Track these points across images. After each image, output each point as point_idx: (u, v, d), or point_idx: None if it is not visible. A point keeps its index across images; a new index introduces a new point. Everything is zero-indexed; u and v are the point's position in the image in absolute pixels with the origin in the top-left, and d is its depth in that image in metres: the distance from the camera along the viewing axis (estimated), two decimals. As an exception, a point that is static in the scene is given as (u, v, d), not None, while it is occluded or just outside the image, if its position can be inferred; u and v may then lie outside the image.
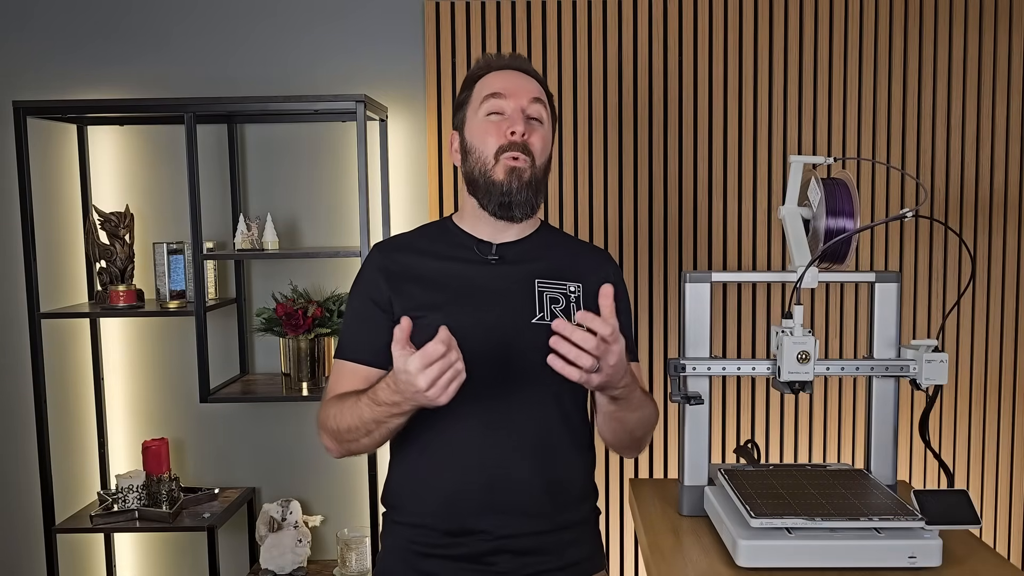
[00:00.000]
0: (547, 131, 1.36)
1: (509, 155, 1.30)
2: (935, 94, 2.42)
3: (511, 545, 1.28)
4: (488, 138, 1.32)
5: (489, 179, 1.32)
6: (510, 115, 1.32)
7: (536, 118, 1.34)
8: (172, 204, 2.50)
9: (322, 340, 2.35)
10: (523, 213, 1.34)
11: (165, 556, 2.60)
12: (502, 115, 1.33)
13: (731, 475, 1.37)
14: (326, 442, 1.33)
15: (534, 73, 1.39)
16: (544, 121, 1.35)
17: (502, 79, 1.35)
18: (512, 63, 1.38)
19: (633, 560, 2.51)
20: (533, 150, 1.32)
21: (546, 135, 1.36)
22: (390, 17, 2.45)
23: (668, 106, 2.42)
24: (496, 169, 1.31)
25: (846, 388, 2.48)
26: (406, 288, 1.34)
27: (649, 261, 2.47)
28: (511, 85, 1.34)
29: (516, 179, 1.31)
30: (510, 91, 1.33)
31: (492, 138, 1.32)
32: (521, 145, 1.31)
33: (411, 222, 2.47)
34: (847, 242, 1.33)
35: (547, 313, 1.32)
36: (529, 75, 1.37)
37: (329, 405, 1.32)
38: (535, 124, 1.34)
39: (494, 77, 1.36)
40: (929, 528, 1.18)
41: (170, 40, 2.47)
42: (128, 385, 2.56)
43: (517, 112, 1.32)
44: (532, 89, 1.35)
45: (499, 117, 1.33)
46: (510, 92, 1.33)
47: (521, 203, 1.32)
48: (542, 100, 1.35)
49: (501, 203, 1.32)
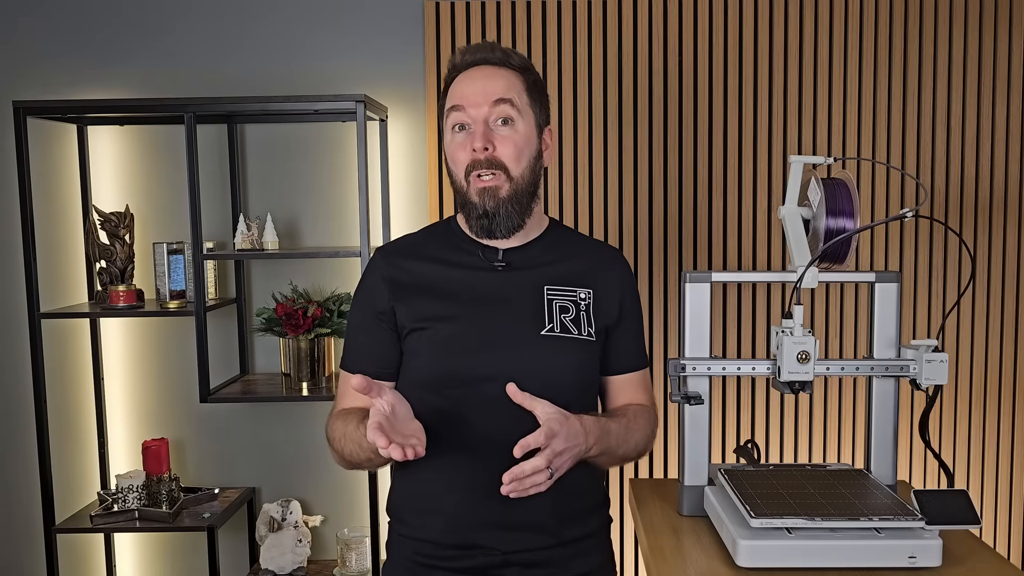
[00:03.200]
0: (521, 132, 1.26)
1: (475, 175, 1.24)
2: (935, 94, 2.42)
3: (518, 559, 1.26)
4: (457, 156, 1.26)
5: (467, 198, 1.26)
6: (472, 129, 1.24)
7: (506, 118, 1.24)
8: (172, 204, 2.50)
9: (322, 340, 2.35)
10: (506, 230, 1.27)
11: (165, 556, 2.60)
12: (466, 128, 1.25)
13: (731, 475, 1.37)
14: (335, 457, 1.31)
15: (504, 59, 1.28)
16: (516, 119, 1.25)
17: (464, 84, 1.26)
18: (477, 56, 1.28)
19: (633, 560, 2.51)
20: (503, 160, 1.24)
21: (520, 138, 1.25)
22: (390, 17, 2.45)
23: (668, 106, 2.42)
24: (470, 191, 1.25)
25: (846, 388, 2.48)
26: (410, 298, 1.29)
27: (649, 261, 2.47)
28: (471, 91, 1.25)
29: (490, 198, 1.24)
30: (469, 100, 1.24)
31: (460, 155, 1.25)
32: (485, 162, 1.23)
33: (411, 222, 2.47)
34: (847, 242, 1.33)
35: (556, 324, 1.27)
36: (498, 65, 1.27)
37: (335, 421, 1.29)
38: (503, 131, 1.24)
39: (458, 83, 1.27)
40: (929, 528, 1.18)
41: (170, 40, 2.47)
42: (128, 385, 2.56)
43: (479, 124, 1.24)
44: (494, 89, 1.24)
45: (464, 132, 1.25)
46: (470, 101, 1.24)
47: (501, 222, 1.25)
48: (507, 99, 1.24)
49: (481, 226, 1.26)
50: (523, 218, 1.28)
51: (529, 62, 1.32)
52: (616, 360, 1.35)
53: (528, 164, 1.27)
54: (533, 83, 1.30)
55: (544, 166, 1.33)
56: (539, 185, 1.31)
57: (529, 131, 1.27)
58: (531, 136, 1.28)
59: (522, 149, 1.26)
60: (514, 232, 1.29)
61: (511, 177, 1.25)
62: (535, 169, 1.29)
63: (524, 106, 1.27)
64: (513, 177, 1.25)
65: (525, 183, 1.27)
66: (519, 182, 1.26)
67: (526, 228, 1.32)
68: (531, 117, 1.28)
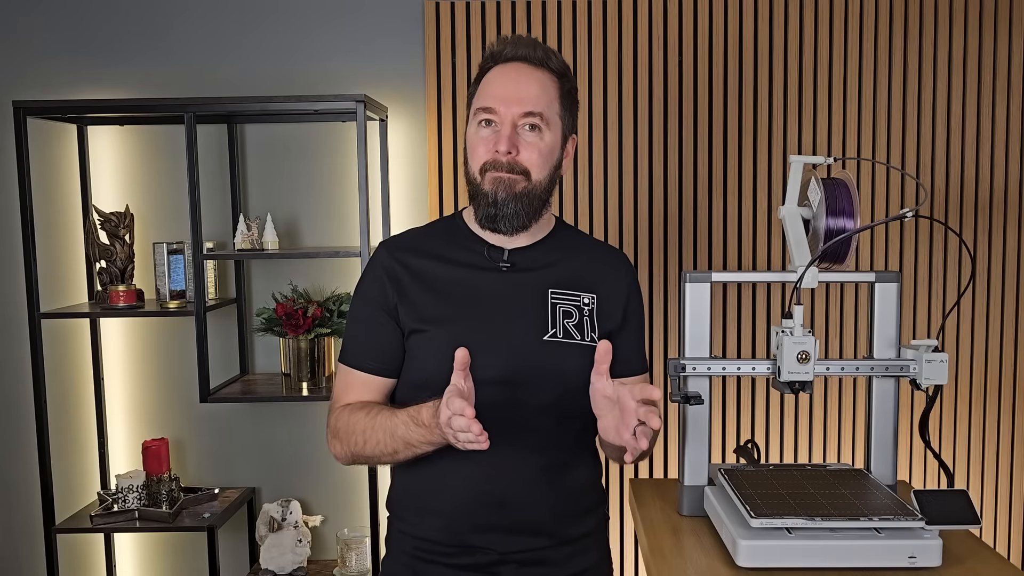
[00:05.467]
0: (547, 141, 1.25)
1: (493, 173, 1.23)
2: (935, 94, 2.42)
3: (515, 558, 1.26)
4: (477, 149, 1.25)
5: (478, 188, 1.26)
6: (500, 129, 1.23)
7: (534, 125, 1.23)
8: (172, 204, 2.50)
9: (322, 340, 2.35)
10: (511, 227, 1.26)
11: (165, 556, 2.60)
12: (492, 125, 1.24)
13: (731, 475, 1.37)
14: (337, 450, 1.28)
15: (544, 60, 1.26)
16: (544, 129, 1.24)
17: (499, 83, 1.25)
18: (518, 52, 1.26)
19: (633, 560, 2.51)
20: (525, 165, 1.23)
21: (545, 147, 1.25)
22: (390, 17, 2.45)
23: (668, 106, 2.42)
24: (484, 180, 1.25)
25: (846, 388, 2.48)
26: (411, 296, 1.28)
27: (649, 261, 2.47)
28: (502, 93, 1.24)
29: (503, 189, 1.23)
30: (499, 101, 1.23)
31: (481, 150, 1.25)
32: (506, 165, 1.23)
33: (411, 222, 2.46)
34: (847, 242, 1.33)
35: (559, 329, 1.26)
36: (536, 65, 1.26)
37: (345, 414, 1.26)
38: (529, 136, 1.24)
39: (495, 78, 1.26)
40: (929, 528, 1.18)
41: (170, 40, 2.47)
42: (128, 385, 2.56)
43: (506, 125, 1.23)
44: (528, 97, 1.23)
45: (490, 129, 1.24)
46: (498, 103, 1.23)
47: (509, 216, 1.24)
48: (538, 113, 1.23)
49: (487, 214, 1.25)
50: (531, 220, 1.28)
51: (568, 67, 1.30)
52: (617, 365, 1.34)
53: (549, 172, 1.27)
54: (568, 91, 1.29)
55: (561, 175, 1.33)
56: (553, 192, 1.31)
57: (555, 141, 1.27)
58: (556, 146, 1.27)
59: (545, 157, 1.26)
60: (519, 231, 1.28)
61: (530, 179, 1.25)
62: (554, 177, 1.29)
63: (554, 116, 1.26)
64: (533, 180, 1.25)
65: (542, 189, 1.27)
66: (536, 187, 1.26)
67: (533, 229, 1.31)
68: (559, 128, 1.27)
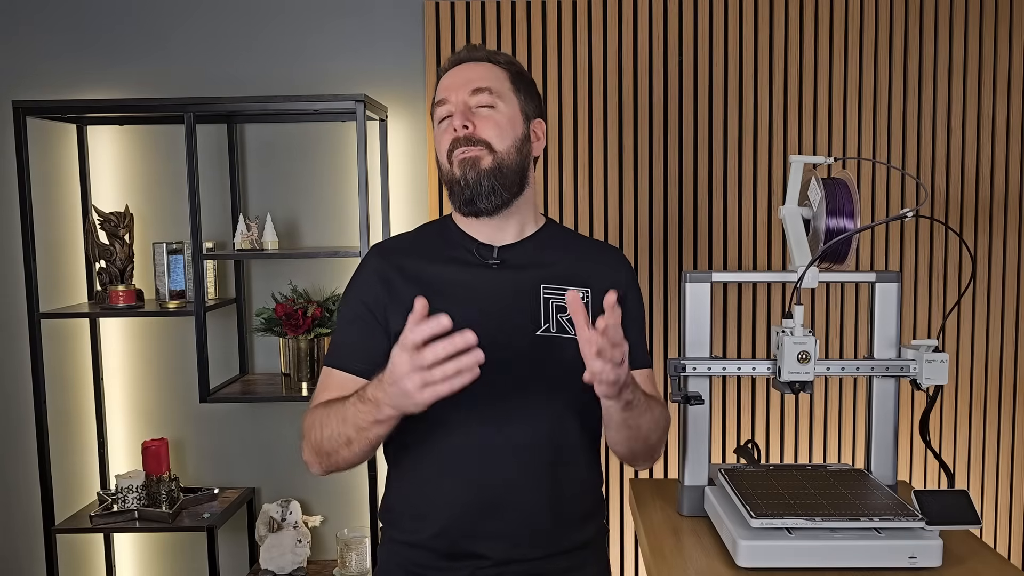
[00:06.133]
0: (504, 113, 1.26)
1: (458, 151, 1.24)
2: (935, 94, 2.42)
3: (512, 569, 1.23)
4: (441, 141, 1.27)
5: (451, 176, 1.26)
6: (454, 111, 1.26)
7: (486, 105, 1.25)
8: (172, 204, 2.49)
9: (322, 340, 2.35)
10: (489, 204, 1.24)
11: (165, 556, 2.60)
12: (450, 117, 1.26)
13: (731, 475, 1.37)
14: (307, 456, 1.24)
15: (487, 57, 1.30)
16: (497, 104, 1.25)
17: (447, 81, 1.29)
18: (461, 56, 1.31)
19: (634, 561, 2.51)
20: (484, 137, 1.24)
21: (502, 119, 1.25)
22: (390, 17, 2.45)
23: (668, 106, 2.42)
24: (453, 167, 1.25)
25: (846, 388, 2.48)
26: (403, 297, 1.25)
27: (649, 261, 2.47)
28: (451, 83, 1.27)
29: (471, 168, 1.23)
30: (450, 89, 1.27)
31: (443, 140, 1.26)
32: (464, 139, 1.23)
33: (411, 222, 2.47)
34: (847, 242, 1.33)
35: (553, 324, 1.24)
36: (479, 61, 1.29)
37: (313, 413, 1.23)
38: (483, 111, 1.25)
39: (442, 81, 1.30)
40: (929, 528, 1.18)
41: (170, 40, 2.47)
42: (128, 385, 2.56)
43: (458, 107, 1.25)
44: (473, 78, 1.26)
45: (447, 120, 1.27)
46: (450, 91, 1.26)
47: (484, 194, 1.23)
48: (486, 87, 1.25)
49: (464, 198, 1.25)
50: (509, 196, 1.26)
51: (515, 60, 1.33)
52: None
53: (513, 144, 1.26)
54: (517, 74, 1.30)
55: (535, 156, 1.32)
56: (528, 173, 1.30)
57: (513, 114, 1.27)
58: (515, 119, 1.27)
59: (504, 128, 1.25)
60: (500, 209, 1.26)
61: (494, 151, 1.24)
62: (522, 152, 1.28)
63: (506, 92, 1.27)
64: (496, 151, 1.24)
65: (511, 161, 1.25)
66: (503, 157, 1.24)
67: (521, 225, 1.31)
68: (515, 103, 1.28)
